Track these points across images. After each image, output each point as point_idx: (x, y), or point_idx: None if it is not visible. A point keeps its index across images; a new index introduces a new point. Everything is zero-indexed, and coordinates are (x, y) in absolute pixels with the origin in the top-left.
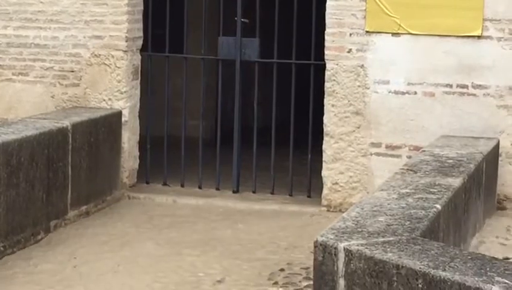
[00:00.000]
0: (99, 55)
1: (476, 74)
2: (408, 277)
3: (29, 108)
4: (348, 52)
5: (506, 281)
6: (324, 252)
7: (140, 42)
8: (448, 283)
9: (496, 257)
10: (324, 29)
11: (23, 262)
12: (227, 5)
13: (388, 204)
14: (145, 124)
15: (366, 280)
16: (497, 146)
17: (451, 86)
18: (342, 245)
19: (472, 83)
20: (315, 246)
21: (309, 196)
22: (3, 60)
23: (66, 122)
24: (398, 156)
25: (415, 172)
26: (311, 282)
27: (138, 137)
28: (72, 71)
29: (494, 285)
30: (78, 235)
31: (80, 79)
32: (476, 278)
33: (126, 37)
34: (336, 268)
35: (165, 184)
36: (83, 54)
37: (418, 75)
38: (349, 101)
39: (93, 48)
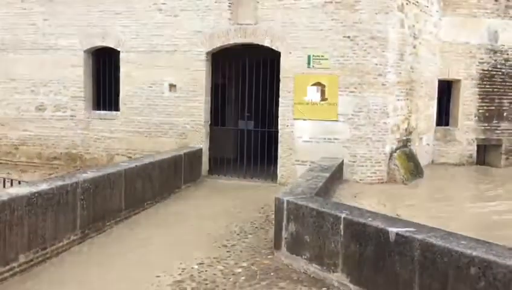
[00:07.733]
0: (195, 126)
1: (333, 134)
2: (308, 210)
3: (166, 147)
4: (287, 126)
5: (348, 211)
6: (279, 201)
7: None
8: (326, 213)
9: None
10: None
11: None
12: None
13: (302, 183)
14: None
15: (294, 212)
16: (342, 161)
17: (324, 138)
18: (285, 198)
19: (332, 137)
20: (275, 199)
21: (272, 180)
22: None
23: (181, 152)
24: (306, 165)
25: (312, 170)
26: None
27: (208, 158)
28: (184, 133)
29: (342, 212)
30: (187, 196)
31: (186, 136)
32: (333, 210)
33: (204, 116)
34: (283, 208)
35: (218, 175)
36: (188, 125)
37: (313, 134)
38: (287, 145)
39: (191, 123)
